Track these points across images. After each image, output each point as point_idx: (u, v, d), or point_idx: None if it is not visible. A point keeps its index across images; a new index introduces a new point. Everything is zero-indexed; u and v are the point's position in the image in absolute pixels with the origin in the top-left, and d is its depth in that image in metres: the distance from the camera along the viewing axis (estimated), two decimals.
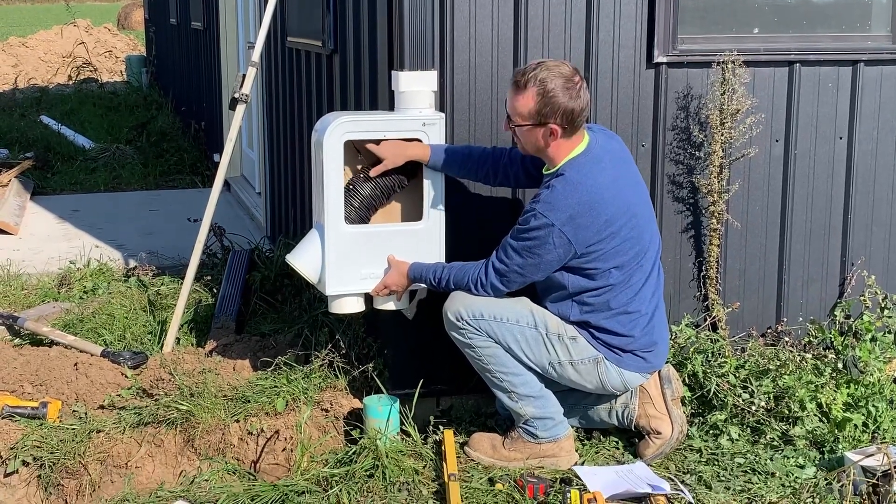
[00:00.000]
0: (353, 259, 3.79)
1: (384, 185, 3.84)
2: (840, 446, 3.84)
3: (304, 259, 3.82)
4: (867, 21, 4.53)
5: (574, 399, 3.87)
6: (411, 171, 3.86)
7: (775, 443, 3.89)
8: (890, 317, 4.47)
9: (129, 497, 3.61)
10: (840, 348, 4.32)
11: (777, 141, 4.36)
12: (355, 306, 3.88)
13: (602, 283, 3.57)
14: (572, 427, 3.87)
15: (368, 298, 3.89)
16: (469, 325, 3.62)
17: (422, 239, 3.85)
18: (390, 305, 3.89)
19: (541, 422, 3.73)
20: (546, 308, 3.68)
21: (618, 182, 3.56)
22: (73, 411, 4.07)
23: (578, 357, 3.64)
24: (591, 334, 3.64)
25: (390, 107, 3.90)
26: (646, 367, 3.72)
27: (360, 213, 3.82)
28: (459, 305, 3.63)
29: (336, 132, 3.71)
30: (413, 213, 3.92)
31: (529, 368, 3.68)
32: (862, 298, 4.50)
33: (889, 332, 4.45)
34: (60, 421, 3.99)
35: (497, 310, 3.62)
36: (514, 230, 3.56)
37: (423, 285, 3.79)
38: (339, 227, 3.76)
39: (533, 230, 3.49)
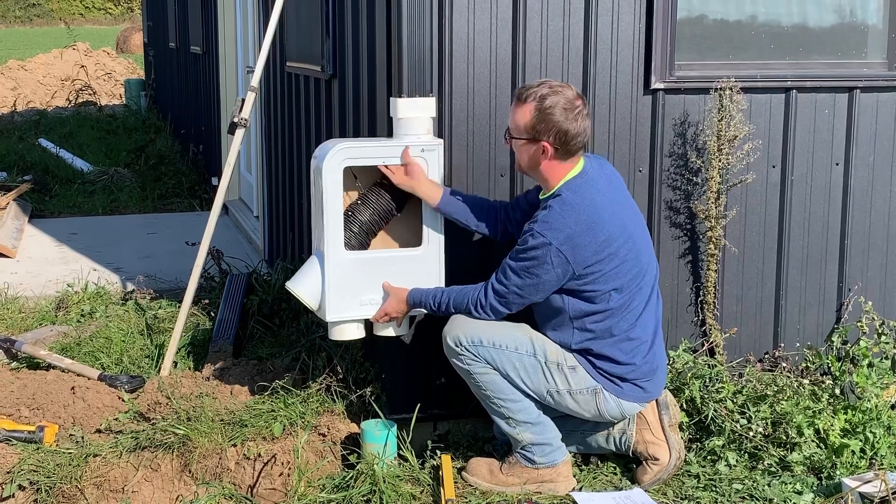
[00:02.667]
0: (354, 285, 3.79)
1: (382, 209, 3.85)
2: (838, 472, 3.84)
3: (304, 286, 3.82)
4: (863, 48, 4.56)
5: (572, 425, 3.86)
6: (405, 197, 3.87)
7: (773, 468, 3.89)
8: (887, 343, 4.47)
9: None
10: (837, 374, 4.32)
11: (774, 167, 4.37)
12: (356, 333, 3.88)
13: (602, 307, 3.57)
14: (570, 453, 3.86)
15: (368, 324, 3.89)
16: (468, 351, 3.62)
17: (421, 264, 3.85)
18: (390, 332, 3.89)
19: (539, 447, 3.72)
20: (547, 336, 3.68)
21: (613, 204, 3.58)
22: (70, 435, 4.06)
23: (577, 387, 3.64)
24: (592, 363, 3.64)
25: (389, 132, 3.91)
26: (644, 397, 3.72)
27: (360, 238, 3.83)
28: (459, 331, 3.63)
29: (335, 159, 3.72)
30: (412, 238, 3.93)
31: (527, 395, 3.68)
32: (859, 324, 4.50)
33: (886, 358, 4.46)
34: (57, 445, 3.98)
35: (496, 336, 3.62)
36: (513, 251, 3.57)
37: (423, 310, 3.79)
38: (339, 254, 3.76)
39: (531, 250, 3.50)
